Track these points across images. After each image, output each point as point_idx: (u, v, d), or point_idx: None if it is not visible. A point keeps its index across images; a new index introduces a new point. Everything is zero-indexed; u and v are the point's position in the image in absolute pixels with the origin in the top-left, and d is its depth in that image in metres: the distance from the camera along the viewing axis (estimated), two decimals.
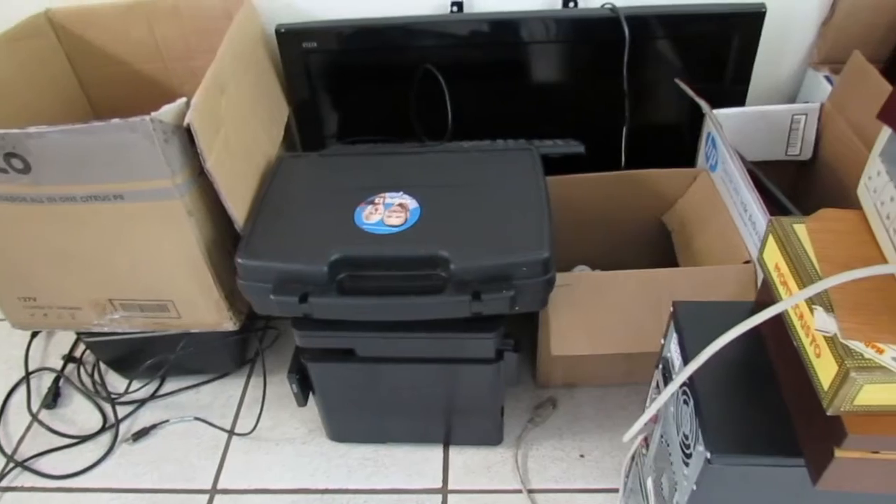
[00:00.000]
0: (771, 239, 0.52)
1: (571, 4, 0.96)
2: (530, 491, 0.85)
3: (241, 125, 0.84)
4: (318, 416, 0.89)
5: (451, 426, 0.88)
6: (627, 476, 0.79)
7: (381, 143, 1.00)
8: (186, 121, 0.70)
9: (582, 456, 0.89)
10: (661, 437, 0.64)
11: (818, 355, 0.44)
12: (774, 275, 0.51)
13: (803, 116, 0.95)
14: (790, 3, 0.98)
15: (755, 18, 0.92)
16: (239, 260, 0.74)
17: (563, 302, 0.81)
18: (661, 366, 0.65)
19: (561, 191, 0.97)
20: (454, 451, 0.90)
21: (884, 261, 0.47)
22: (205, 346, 0.93)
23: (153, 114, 0.68)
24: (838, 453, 0.44)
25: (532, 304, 0.74)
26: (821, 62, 1.02)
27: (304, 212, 0.79)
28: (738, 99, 0.99)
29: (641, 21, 0.91)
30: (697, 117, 0.98)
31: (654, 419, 0.67)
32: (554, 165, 0.96)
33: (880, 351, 0.41)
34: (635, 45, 0.93)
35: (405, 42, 0.95)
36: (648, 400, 0.70)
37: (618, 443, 0.89)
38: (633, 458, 0.77)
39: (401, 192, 0.79)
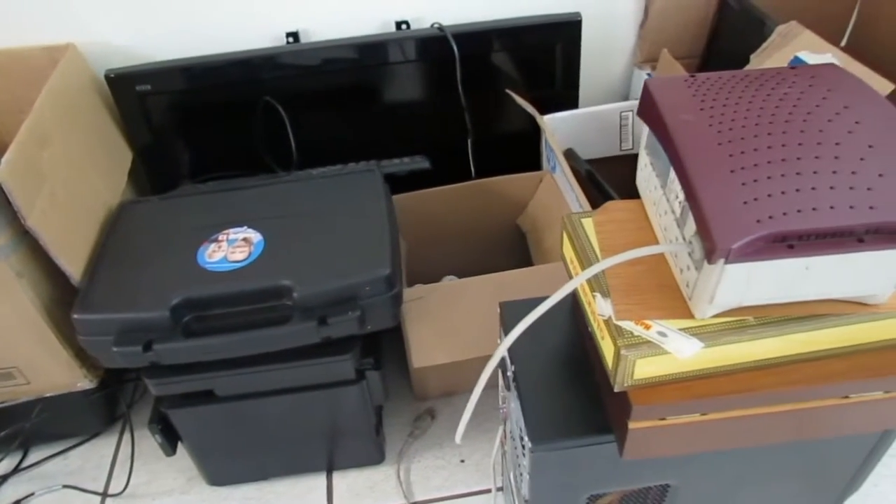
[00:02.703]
0: (564, 235, 0.56)
1: (404, 26, 0.99)
2: (414, 503, 0.86)
3: (73, 176, 0.82)
4: None
5: (331, 452, 0.88)
6: (502, 474, 0.82)
7: (232, 178, 0.99)
8: None
9: (463, 461, 0.91)
10: (510, 433, 0.67)
11: (603, 338, 0.48)
12: (571, 268, 0.55)
13: (630, 113, 1.02)
14: (608, 9, 1.06)
15: (573, 27, 0.98)
16: (75, 315, 0.71)
17: (419, 315, 0.83)
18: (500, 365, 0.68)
19: (418, 206, 1.00)
20: (337, 477, 0.90)
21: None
22: (66, 409, 0.88)
23: None
24: (631, 425, 0.48)
25: (382, 321, 0.75)
26: (643, 61, 1.10)
27: (145, 258, 0.77)
28: (572, 102, 1.06)
29: (468, 38, 0.96)
30: (538, 123, 1.03)
31: (506, 416, 0.70)
32: (408, 183, 0.99)
33: (647, 327, 0.45)
34: (467, 60, 0.97)
35: (243, 76, 0.95)
36: (499, 398, 0.73)
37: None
38: (503, 456, 0.80)
39: (245, 227, 0.79)
